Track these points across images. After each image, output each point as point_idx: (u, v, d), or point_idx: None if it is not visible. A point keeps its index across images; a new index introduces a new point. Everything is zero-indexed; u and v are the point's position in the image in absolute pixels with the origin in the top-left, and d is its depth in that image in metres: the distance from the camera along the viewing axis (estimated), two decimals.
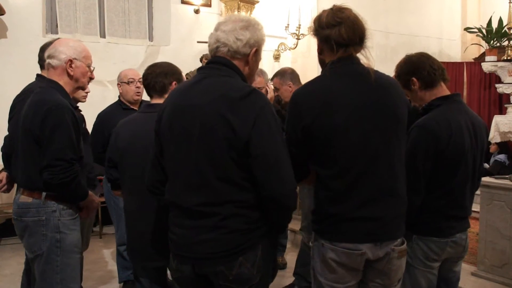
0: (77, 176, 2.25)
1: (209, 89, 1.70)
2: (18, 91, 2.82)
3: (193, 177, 1.70)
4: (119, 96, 3.73)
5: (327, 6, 1.85)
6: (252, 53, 1.78)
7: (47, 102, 2.21)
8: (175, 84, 2.34)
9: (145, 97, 3.75)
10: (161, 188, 1.87)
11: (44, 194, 2.26)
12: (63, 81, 2.34)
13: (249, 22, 1.78)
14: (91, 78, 2.49)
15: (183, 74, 2.68)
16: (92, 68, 2.46)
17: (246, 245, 1.70)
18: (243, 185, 1.67)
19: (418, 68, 2.15)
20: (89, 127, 3.49)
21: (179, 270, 1.81)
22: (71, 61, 2.32)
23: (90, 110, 3.59)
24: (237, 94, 1.65)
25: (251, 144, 1.62)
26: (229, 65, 1.76)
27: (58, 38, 2.72)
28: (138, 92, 3.64)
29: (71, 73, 2.33)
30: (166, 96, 2.32)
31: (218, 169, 1.65)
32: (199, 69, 1.85)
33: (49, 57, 2.34)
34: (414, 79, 2.15)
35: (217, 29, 1.79)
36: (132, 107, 3.64)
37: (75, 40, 2.64)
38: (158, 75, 2.32)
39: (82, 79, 2.39)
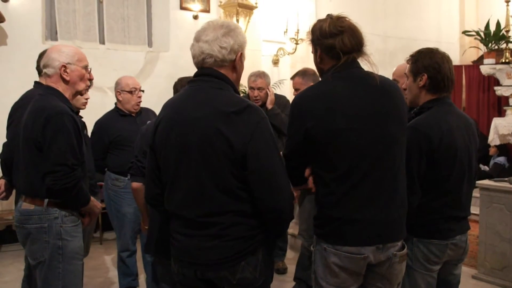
0: (80, 181, 2.25)
1: (204, 102, 1.71)
2: (18, 97, 2.82)
3: (194, 190, 1.72)
4: (115, 103, 3.74)
5: (326, 11, 1.86)
6: (238, 58, 1.79)
7: (46, 109, 2.22)
8: None
9: (143, 104, 3.79)
10: (161, 200, 1.88)
11: (46, 201, 2.25)
12: (61, 88, 2.33)
13: (229, 27, 1.77)
14: (90, 80, 2.47)
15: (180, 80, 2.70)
16: (89, 69, 2.43)
17: (247, 250, 1.73)
18: (241, 195, 1.70)
19: (437, 70, 2.10)
20: (89, 134, 3.49)
21: (180, 273, 1.83)
22: (65, 66, 2.31)
23: (90, 116, 3.59)
24: (233, 108, 1.67)
25: (247, 159, 1.65)
26: (219, 76, 1.76)
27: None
28: (139, 102, 3.68)
29: (67, 79, 2.32)
30: None
31: (219, 181, 1.68)
32: (189, 82, 1.85)
33: (44, 66, 2.34)
34: (426, 76, 2.12)
35: (198, 39, 1.77)
36: (129, 113, 3.67)
37: (67, 45, 2.63)
38: None
39: (80, 82, 2.38)
